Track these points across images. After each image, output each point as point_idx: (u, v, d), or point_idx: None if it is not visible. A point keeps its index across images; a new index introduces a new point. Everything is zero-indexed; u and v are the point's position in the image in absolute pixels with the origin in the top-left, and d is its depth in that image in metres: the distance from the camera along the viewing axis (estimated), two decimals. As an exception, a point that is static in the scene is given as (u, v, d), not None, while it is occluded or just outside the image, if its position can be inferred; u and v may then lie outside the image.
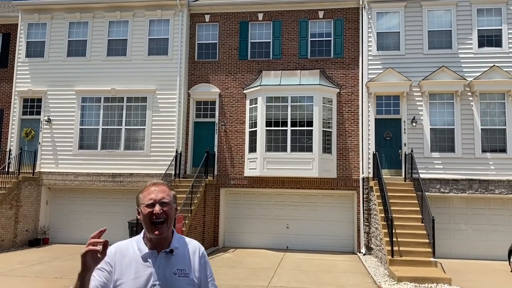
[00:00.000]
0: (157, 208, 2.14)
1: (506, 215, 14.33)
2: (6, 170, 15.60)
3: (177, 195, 11.37)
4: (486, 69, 14.54)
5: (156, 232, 2.13)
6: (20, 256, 13.31)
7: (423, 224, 12.08)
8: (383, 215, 12.41)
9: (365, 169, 14.87)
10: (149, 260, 2.16)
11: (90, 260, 1.91)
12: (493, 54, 14.74)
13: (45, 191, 16.52)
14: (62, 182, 16.26)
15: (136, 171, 15.81)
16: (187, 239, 2.33)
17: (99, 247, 1.91)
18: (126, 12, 16.75)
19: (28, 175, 15.84)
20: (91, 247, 1.89)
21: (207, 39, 16.82)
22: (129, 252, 2.19)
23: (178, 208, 12.67)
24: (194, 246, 2.31)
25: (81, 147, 16.38)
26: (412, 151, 13.91)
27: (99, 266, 2.15)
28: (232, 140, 16.04)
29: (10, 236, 14.88)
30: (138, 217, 2.23)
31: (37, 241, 15.65)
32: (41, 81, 16.91)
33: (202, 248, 2.35)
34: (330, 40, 16.06)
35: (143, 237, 2.24)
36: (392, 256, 11.11)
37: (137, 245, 2.21)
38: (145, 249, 2.18)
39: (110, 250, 2.20)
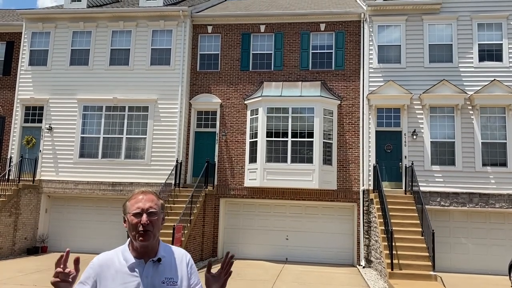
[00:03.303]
0: (144, 218, 2.10)
1: (507, 229, 14.26)
2: (6, 177, 15.59)
3: (177, 205, 11.39)
4: (487, 83, 14.60)
5: (141, 239, 2.10)
6: (18, 264, 13.25)
7: (423, 237, 12.03)
8: (383, 227, 12.36)
9: (366, 181, 14.86)
10: (136, 269, 2.12)
11: (64, 285, 1.99)
12: (493, 68, 14.82)
13: (44, 199, 16.49)
14: (62, 190, 16.25)
15: (136, 180, 15.80)
16: (173, 247, 2.30)
17: (67, 276, 2.00)
18: (129, 22, 16.90)
19: (28, 183, 15.84)
20: (56, 280, 1.98)
21: (209, 50, 16.94)
22: (114, 263, 2.15)
23: (177, 217, 12.64)
24: (180, 254, 2.28)
25: (81, 155, 16.40)
26: (412, 164, 13.90)
27: (82, 279, 2.15)
28: (232, 150, 16.06)
29: (9, 244, 14.82)
30: (124, 225, 2.20)
31: (35, 249, 15.59)
32: (43, 89, 17.00)
33: (189, 256, 2.32)
34: (332, 52, 16.16)
35: (129, 247, 2.20)
36: (392, 269, 11.05)
37: (122, 255, 2.17)
38: (132, 259, 2.14)
39: (94, 262, 2.18)
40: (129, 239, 2.20)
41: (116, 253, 2.20)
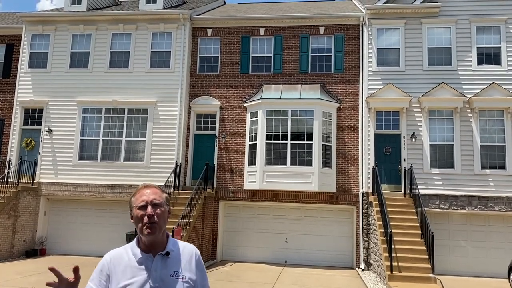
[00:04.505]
0: (149, 210, 2.14)
1: (506, 232, 14.27)
2: (5, 179, 15.58)
3: (176, 208, 11.41)
4: (485, 86, 14.64)
5: (148, 231, 2.12)
6: (16, 266, 13.23)
7: (422, 240, 12.04)
8: (382, 230, 12.37)
9: (365, 184, 14.87)
10: (145, 264, 2.15)
11: None
12: (492, 71, 14.86)
13: (43, 202, 16.47)
14: (61, 193, 16.23)
15: (135, 183, 15.78)
16: (182, 243, 2.32)
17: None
18: (129, 25, 16.93)
19: (27, 185, 15.82)
20: None
21: (209, 52, 16.97)
22: (123, 258, 2.18)
23: (177, 220, 12.63)
24: (190, 249, 2.31)
25: (81, 158, 16.40)
26: (411, 166, 13.92)
27: (94, 275, 2.17)
28: (232, 153, 16.06)
29: (7, 246, 14.79)
30: (131, 221, 2.23)
31: (34, 251, 15.56)
32: (43, 91, 17.01)
33: (198, 252, 2.35)
34: (331, 55, 16.20)
35: (137, 243, 2.23)
36: (391, 272, 11.05)
37: (131, 250, 2.21)
38: (140, 254, 2.18)
39: (105, 258, 2.22)
40: (137, 236, 2.24)
41: (125, 249, 2.24)
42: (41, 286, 10.43)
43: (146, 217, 2.13)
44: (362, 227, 14.71)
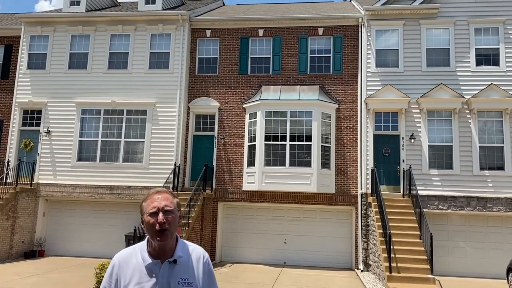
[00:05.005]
0: (160, 217, 2.14)
1: (504, 233, 14.28)
2: (4, 181, 15.56)
3: (175, 208, 11.02)
4: (484, 87, 14.67)
5: (159, 239, 2.14)
6: (15, 267, 13.20)
7: (421, 240, 12.05)
8: (381, 231, 12.38)
9: (364, 184, 14.87)
10: (153, 270, 2.16)
11: None
12: (490, 72, 14.90)
13: (42, 203, 16.44)
14: (59, 194, 16.21)
15: (134, 184, 15.78)
16: (191, 246, 2.32)
17: None
18: (128, 26, 16.93)
19: (26, 186, 15.79)
20: None
21: (208, 53, 16.98)
22: (132, 261, 2.19)
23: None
24: (198, 253, 2.30)
25: (79, 159, 16.37)
26: (410, 167, 13.94)
27: (105, 279, 2.21)
28: (231, 154, 16.06)
29: (6, 248, 14.77)
30: (142, 226, 2.24)
31: (32, 253, 15.53)
32: (41, 92, 16.99)
33: (207, 255, 2.34)
34: (330, 56, 16.22)
35: (147, 246, 2.23)
36: (390, 273, 11.06)
37: (140, 254, 2.21)
38: (149, 259, 2.18)
39: (114, 260, 2.23)
40: (147, 237, 2.25)
41: (134, 250, 2.25)
42: (39, 287, 10.41)
43: (157, 224, 2.13)
44: (361, 228, 14.72)
